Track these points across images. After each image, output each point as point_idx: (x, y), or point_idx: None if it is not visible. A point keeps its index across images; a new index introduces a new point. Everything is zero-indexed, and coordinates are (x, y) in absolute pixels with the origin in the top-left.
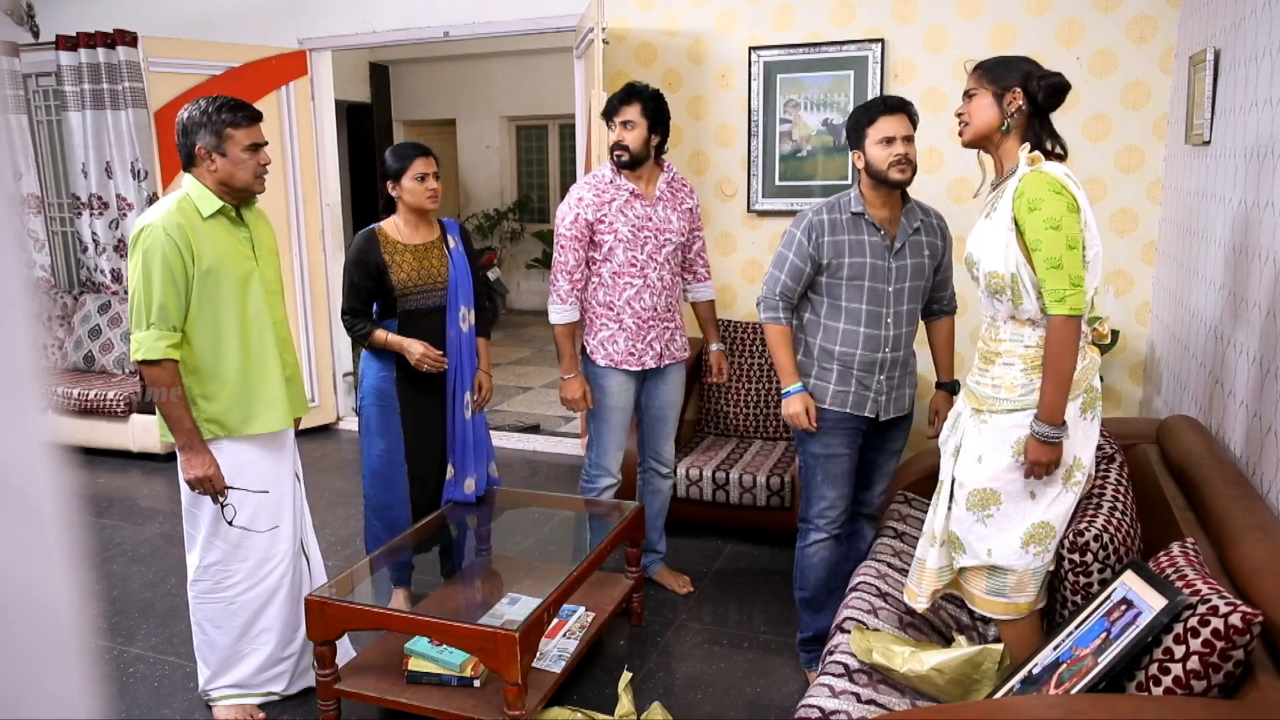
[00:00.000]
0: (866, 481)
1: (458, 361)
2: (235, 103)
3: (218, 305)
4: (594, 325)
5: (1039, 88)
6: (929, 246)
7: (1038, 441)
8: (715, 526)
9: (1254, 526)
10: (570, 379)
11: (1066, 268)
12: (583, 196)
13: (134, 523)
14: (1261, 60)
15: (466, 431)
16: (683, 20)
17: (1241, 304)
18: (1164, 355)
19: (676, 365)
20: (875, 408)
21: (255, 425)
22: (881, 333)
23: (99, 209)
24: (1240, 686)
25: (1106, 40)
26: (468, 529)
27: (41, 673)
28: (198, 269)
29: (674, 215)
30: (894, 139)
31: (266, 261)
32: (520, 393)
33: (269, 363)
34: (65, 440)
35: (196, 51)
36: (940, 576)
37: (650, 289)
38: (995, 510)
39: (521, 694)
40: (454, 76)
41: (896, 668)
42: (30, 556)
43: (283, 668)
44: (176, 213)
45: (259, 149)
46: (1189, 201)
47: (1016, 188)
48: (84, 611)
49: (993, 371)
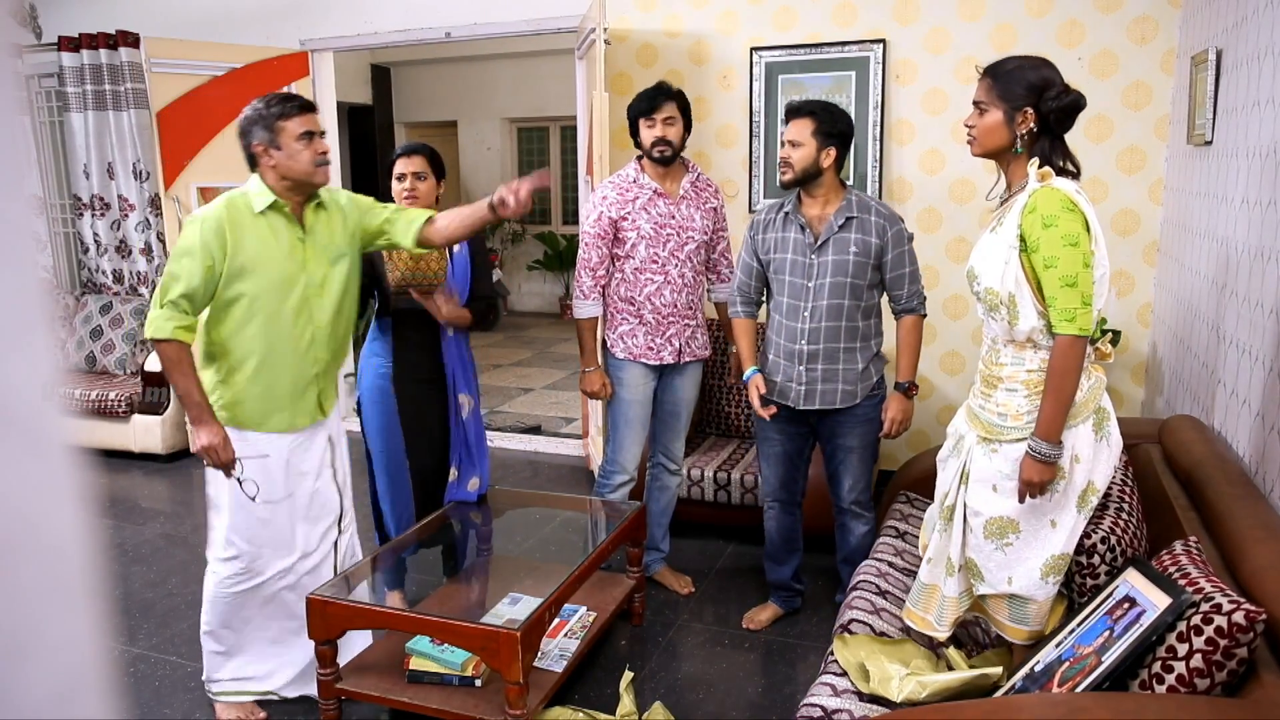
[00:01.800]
0: (833, 478)
1: (454, 365)
2: (285, 95)
3: (248, 299)
4: (614, 320)
5: (1052, 109)
6: (857, 244)
7: (1033, 459)
8: (717, 527)
9: (1257, 526)
10: (591, 371)
11: (1080, 286)
12: (607, 195)
13: (135, 523)
14: (1264, 59)
15: (466, 432)
16: (684, 21)
17: (1245, 303)
18: (1166, 355)
19: (695, 363)
20: (796, 397)
21: (269, 424)
22: (799, 325)
23: (101, 210)
24: (1244, 685)
25: (1108, 41)
26: (469, 528)
27: (50, 613)
28: (229, 264)
29: (697, 214)
30: (784, 143)
31: (323, 263)
32: (522, 394)
33: (289, 364)
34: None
35: (198, 52)
36: (960, 604)
37: (671, 285)
38: (1014, 538)
39: (523, 693)
40: (455, 78)
41: (892, 697)
42: (39, 494)
43: (284, 671)
44: (225, 207)
45: (314, 137)
46: (1191, 201)
47: (1026, 203)
48: (92, 551)
49: (996, 398)
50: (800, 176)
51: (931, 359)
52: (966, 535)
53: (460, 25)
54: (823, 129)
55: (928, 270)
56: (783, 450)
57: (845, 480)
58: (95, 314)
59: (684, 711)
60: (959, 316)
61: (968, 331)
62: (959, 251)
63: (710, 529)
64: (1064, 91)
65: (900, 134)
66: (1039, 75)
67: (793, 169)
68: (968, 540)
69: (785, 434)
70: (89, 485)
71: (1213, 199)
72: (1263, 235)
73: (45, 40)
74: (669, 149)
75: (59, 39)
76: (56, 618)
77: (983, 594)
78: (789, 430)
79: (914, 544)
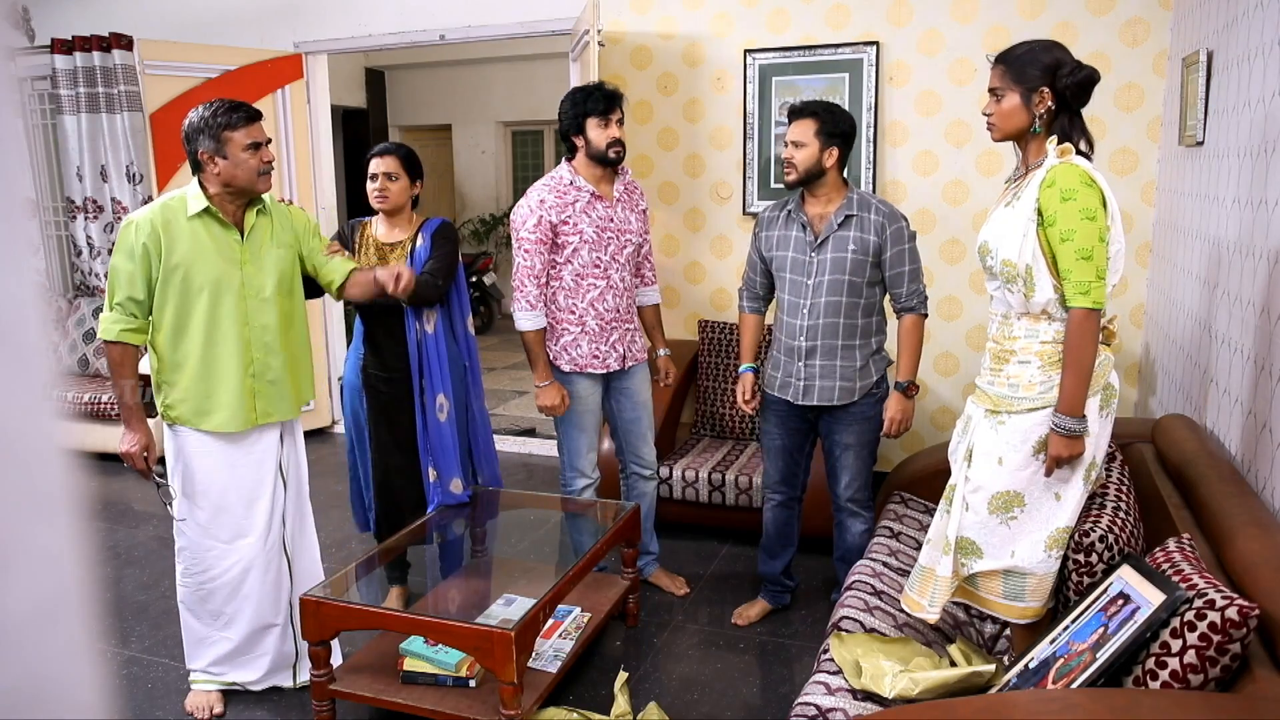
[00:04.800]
0: (831, 474)
1: (425, 364)
2: (232, 104)
3: (182, 300)
4: (555, 330)
5: (1067, 85)
6: (856, 241)
7: (1059, 436)
8: (711, 528)
9: (1250, 522)
10: (547, 385)
11: (1095, 260)
12: (544, 199)
13: (128, 526)
14: (1254, 60)
15: (442, 433)
16: (678, 23)
17: (1236, 302)
18: (1158, 356)
19: (639, 366)
20: (795, 393)
21: (208, 422)
22: (799, 322)
23: (94, 213)
24: (1237, 680)
25: (1100, 43)
26: (463, 530)
27: (31, 525)
28: (165, 263)
29: (632, 216)
30: (787, 144)
31: (262, 266)
32: (516, 396)
33: (229, 364)
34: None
35: (192, 55)
36: (951, 585)
37: (613, 290)
38: (1019, 512)
39: (517, 694)
40: (449, 82)
41: (884, 693)
42: (18, 402)
43: (252, 660)
44: (160, 209)
45: (260, 147)
46: (1183, 202)
47: (1045, 178)
48: (72, 461)
49: (1007, 370)
50: (804, 177)
51: (926, 360)
52: (964, 514)
53: (454, 28)
54: (825, 129)
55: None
56: (783, 444)
57: (842, 477)
58: (88, 317)
59: (679, 712)
60: (954, 318)
61: (963, 333)
62: (953, 253)
63: (705, 530)
64: (1077, 68)
65: (894, 136)
66: (1051, 55)
67: (796, 169)
68: (965, 518)
69: (785, 428)
70: (65, 406)
71: (1204, 199)
72: (1254, 234)
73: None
74: (623, 150)
75: (52, 41)
76: (38, 529)
77: (974, 573)
78: (789, 425)
79: (909, 544)
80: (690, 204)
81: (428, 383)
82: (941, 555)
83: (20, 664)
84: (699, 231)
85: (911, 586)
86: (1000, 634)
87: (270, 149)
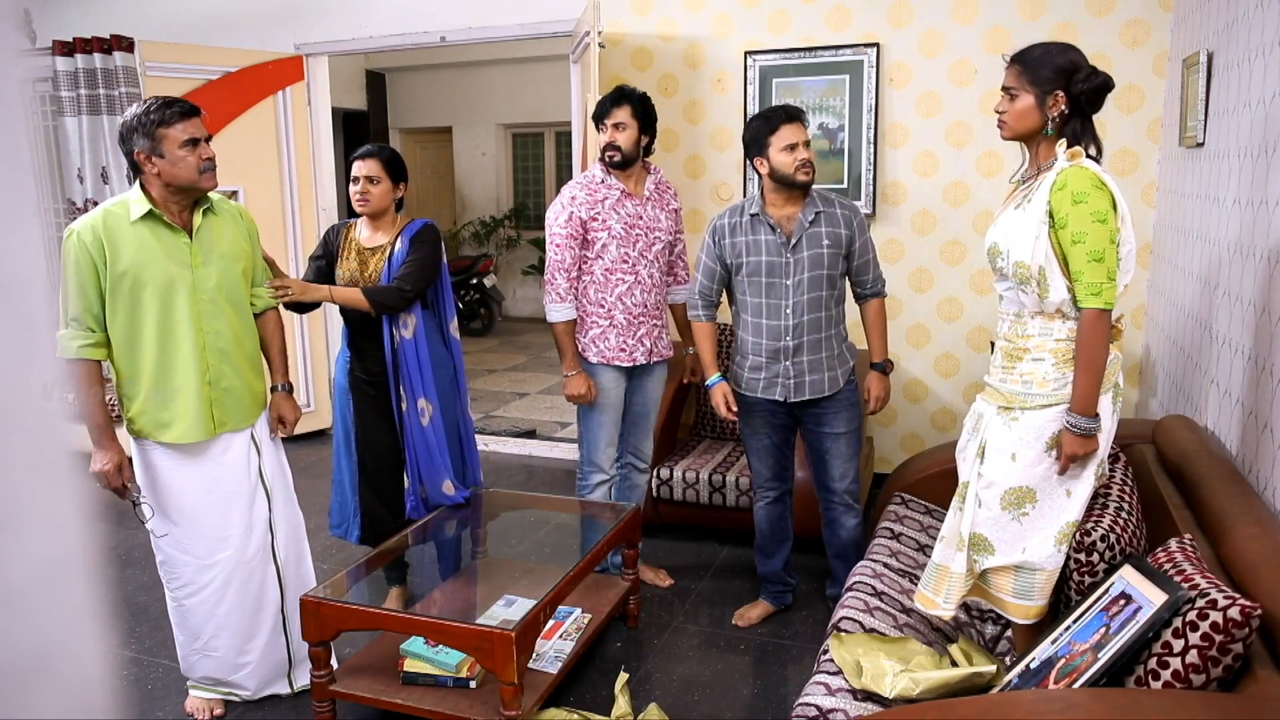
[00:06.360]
0: (822, 466)
1: (405, 368)
2: (167, 100)
3: (133, 309)
4: (585, 323)
5: (1082, 90)
6: (829, 236)
7: (1073, 434)
8: (711, 530)
9: (1251, 522)
10: (573, 375)
11: (1106, 261)
12: (575, 195)
13: (128, 527)
14: (1254, 60)
15: (426, 438)
16: (678, 25)
17: (1236, 302)
18: (1159, 357)
19: (662, 363)
20: (785, 391)
21: (167, 434)
22: (781, 323)
23: None
24: (1239, 680)
25: (1100, 44)
26: (462, 531)
27: (33, 489)
28: (111, 271)
29: (662, 215)
30: (796, 145)
31: (214, 268)
32: (516, 399)
33: (185, 373)
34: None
35: (193, 56)
36: (966, 582)
37: (641, 285)
38: (1031, 508)
39: (518, 694)
40: (450, 84)
41: (885, 693)
42: (23, 363)
43: (242, 673)
44: (102, 216)
45: (198, 144)
46: (1183, 203)
47: (1055, 180)
48: (74, 427)
49: (1020, 368)
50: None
51: (926, 361)
52: (976, 510)
53: (454, 29)
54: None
55: (921, 273)
56: (771, 442)
57: (836, 467)
58: None
59: (679, 712)
60: (954, 319)
61: (964, 334)
62: (953, 254)
63: (704, 532)
64: (1093, 73)
65: (894, 137)
66: (1067, 59)
67: (813, 170)
68: (978, 515)
69: (771, 426)
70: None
71: (1204, 200)
72: (1254, 234)
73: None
74: (617, 154)
75: (53, 43)
76: (41, 493)
77: (986, 569)
78: (776, 422)
79: (909, 544)
80: (691, 205)
81: (406, 389)
82: (955, 552)
83: (27, 627)
84: (699, 232)
85: (925, 584)
86: (1001, 634)
87: (209, 145)
